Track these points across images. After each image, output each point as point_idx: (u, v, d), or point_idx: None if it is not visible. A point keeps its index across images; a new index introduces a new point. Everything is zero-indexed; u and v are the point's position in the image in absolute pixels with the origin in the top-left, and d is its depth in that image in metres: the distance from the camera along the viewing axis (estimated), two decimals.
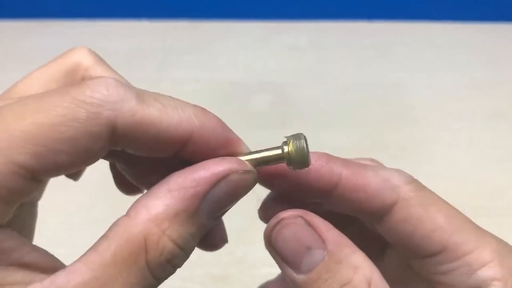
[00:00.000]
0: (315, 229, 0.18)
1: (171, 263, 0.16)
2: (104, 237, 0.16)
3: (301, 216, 0.18)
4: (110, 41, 0.82)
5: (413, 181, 0.22)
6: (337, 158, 0.21)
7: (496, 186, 0.58)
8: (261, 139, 0.34)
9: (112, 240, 0.16)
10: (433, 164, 0.61)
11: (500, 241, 0.21)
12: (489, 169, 0.60)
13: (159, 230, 0.16)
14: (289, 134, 0.21)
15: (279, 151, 0.19)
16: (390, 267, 0.23)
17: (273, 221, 0.19)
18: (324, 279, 0.17)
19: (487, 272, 0.19)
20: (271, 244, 0.18)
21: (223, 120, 0.21)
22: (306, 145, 0.19)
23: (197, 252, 0.53)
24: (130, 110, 0.17)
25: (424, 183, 0.62)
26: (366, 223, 0.22)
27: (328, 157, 0.20)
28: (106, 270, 0.15)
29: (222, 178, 0.17)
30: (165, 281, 0.24)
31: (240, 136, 0.20)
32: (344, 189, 0.20)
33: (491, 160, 0.62)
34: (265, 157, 0.19)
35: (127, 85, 0.18)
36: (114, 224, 0.16)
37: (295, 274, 0.18)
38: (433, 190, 0.61)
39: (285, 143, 0.19)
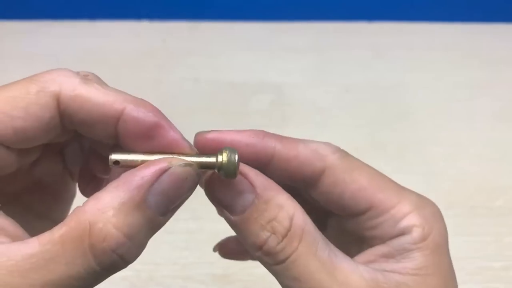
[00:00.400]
0: (245, 176, 0.21)
1: (116, 251, 0.17)
2: (61, 222, 0.18)
3: (234, 164, 0.20)
4: (110, 41, 0.82)
5: (338, 151, 0.24)
6: (273, 134, 0.23)
7: (495, 186, 0.58)
8: None
9: (64, 223, 0.17)
10: (432, 164, 0.61)
11: (417, 195, 0.24)
12: (488, 169, 0.61)
13: (104, 218, 0.17)
14: (288, 135, 0.24)
15: (213, 159, 0.21)
16: (332, 234, 0.26)
17: (208, 174, 0.21)
18: (254, 218, 0.20)
19: (408, 221, 0.23)
20: (208, 192, 0.21)
21: (223, 120, 0.24)
22: (238, 159, 0.20)
23: (198, 253, 0.54)
24: (71, 86, 0.20)
25: (423, 183, 0.62)
26: (304, 193, 0.24)
27: (264, 133, 0.23)
28: (53, 247, 0.17)
29: (163, 171, 0.18)
30: (167, 280, 0.24)
31: None
32: (278, 160, 0.23)
33: (490, 160, 0.62)
34: (202, 162, 0.21)
35: (77, 73, 0.22)
36: (71, 212, 0.18)
37: (231, 216, 0.21)
38: (432, 190, 0.62)
39: (220, 153, 0.21)
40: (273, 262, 0.20)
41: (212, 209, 0.24)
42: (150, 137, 0.20)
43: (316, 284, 0.20)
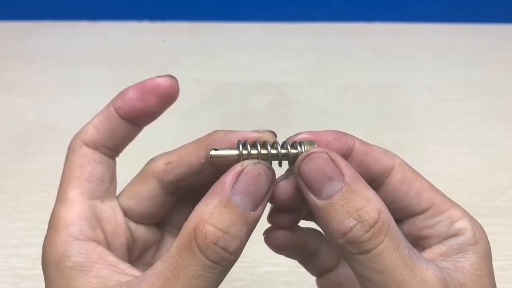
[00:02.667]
0: (337, 164, 0.22)
1: (218, 244, 0.20)
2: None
3: (326, 153, 0.22)
4: (110, 42, 0.83)
5: (400, 157, 0.27)
6: (350, 134, 0.26)
7: (494, 186, 0.59)
8: None
9: (177, 239, 0.21)
10: (431, 164, 0.61)
11: (463, 207, 0.26)
12: (486, 169, 0.61)
13: (201, 221, 0.20)
14: (288, 135, 0.26)
15: (296, 150, 0.23)
16: None
17: (303, 154, 0.22)
18: (340, 205, 0.21)
19: (462, 223, 0.24)
20: (300, 173, 0.22)
21: (223, 120, 0.26)
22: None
23: None
24: None
25: None
26: None
27: (343, 132, 0.26)
28: (173, 259, 0.21)
29: (239, 172, 0.21)
30: None
31: None
32: (356, 156, 0.25)
33: (488, 160, 0.62)
34: (284, 153, 0.24)
35: None
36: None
37: (316, 199, 0.21)
38: None
39: (300, 144, 0.23)
40: (357, 251, 0.21)
41: None
42: None
43: (399, 278, 0.21)
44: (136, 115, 0.26)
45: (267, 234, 0.27)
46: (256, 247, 0.51)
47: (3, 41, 0.82)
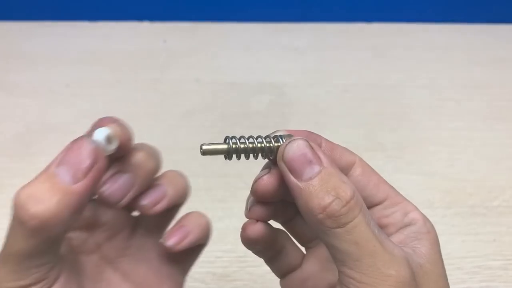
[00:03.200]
0: (315, 151, 0.24)
1: (20, 205, 0.22)
2: None
3: (306, 140, 0.24)
4: (111, 42, 0.83)
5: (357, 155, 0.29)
6: (315, 133, 0.28)
7: (493, 186, 0.59)
8: None
9: None
10: (431, 164, 0.61)
11: None
12: (486, 169, 0.61)
13: (22, 186, 0.22)
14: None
15: (278, 144, 0.26)
16: None
17: (287, 141, 0.24)
18: (320, 184, 0.23)
19: (414, 215, 0.28)
20: (283, 157, 0.24)
21: (224, 120, 0.27)
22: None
23: None
24: None
25: (422, 182, 0.62)
26: None
27: (309, 131, 0.27)
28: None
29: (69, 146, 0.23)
30: None
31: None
32: (324, 150, 0.27)
33: (488, 160, 0.62)
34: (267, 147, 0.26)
35: None
36: None
37: (297, 182, 0.23)
38: (430, 190, 0.62)
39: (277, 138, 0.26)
40: (335, 225, 0.22)
41: (212, 208, 0.25)
42: None
43: (372, 249, 0.23)
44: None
45: (246, 226, 0.28)
46: None
47: (4, 41, 0.83)
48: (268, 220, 0.29)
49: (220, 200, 0.55)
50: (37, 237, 0.21)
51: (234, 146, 0.25)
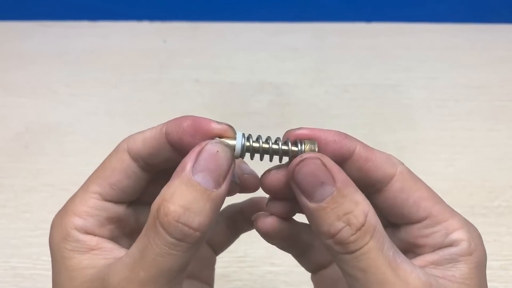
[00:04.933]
0: (329, 169, 0.23)
1: (179, 221, 0.21)
2: None
3: (319, 158, 0.23)
4: (110, 42, 0.83)
5: (403, 164, 0.27)
6: (353, 137, 0.27)
7: (493, 186, 0.59)
8: None
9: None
10: (431, 164, 0.61)
11: (464, 218, 0.27)
12: (486, 169, 0.61)
13: (163, 201, 0.21)
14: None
15: (296, 148, 0.25)
16: None
17: (297, 159, 0.23)
18: (331, 208, 0.22)
19: (458, 235, 0.25)
20: (293, 177, 0.23)
21: (224, 120, 0.25)
22: (317, 150, 0.25)
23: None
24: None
25: None
26: (368, 199, 0.25)
27: (346, 134, 0.26)
28: (141, 240, 0.22)
29: (198, 152, 0.22)
30: None
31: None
32: (357, 159, 0.25)
33: (488, 160, 0.62)
34: (284, 149, 0.25)
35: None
36: None
37: (308, 202, 0.23)
38: None
39: (302, 143, 0.24)
40: (343, 251, 0.22)
41: None
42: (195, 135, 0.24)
43: (381, 277, 0.22)
44: (180, 148, 0.25)
45: (257, 218, 0.28)
46: (256, 246, 0.51)
47: (3, 41, 0.83)
48: (286, 216, 0.28)
49: None
50: (197, 248, 0.22)
51: (247, 144, 0.25)
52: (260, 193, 0.28)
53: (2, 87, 0.73)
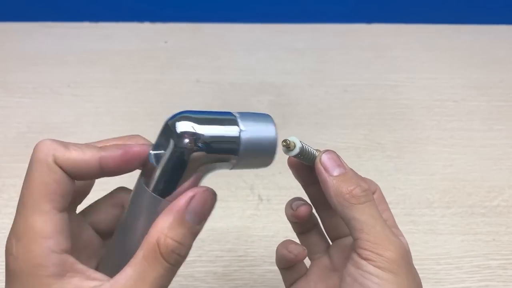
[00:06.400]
0: (341, 159, 0.33)
1: (176, 252, 0.26)
2: (139, 249, 0.27)
3: (335, 153, 0.33)
4: (112, 43, 0.83)
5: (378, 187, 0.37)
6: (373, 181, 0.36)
7: (492, 186, 0.59)
8: None
9: (141, 249, 0.26)
10: (430, 164, 0.61)
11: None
12: (485, 169, 0.61)
13: (162, 235, 0.26)
14: (288, 135, 0.31)
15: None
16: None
17: (323, 150, 0.33)
18: (344, 180, 0.31)
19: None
20: (320, 161, 0.32)
21: None
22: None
23: (199, 251, 0.54)
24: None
25: (421, 182, 0.63)
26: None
27: (365, 180, 0.34)
28: (142, 265, 0.26)
29: (192, 197, 0.27)
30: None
31: None
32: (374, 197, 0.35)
33: (487, 160, 0.62)
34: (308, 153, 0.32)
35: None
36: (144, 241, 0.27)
37: (328, 177, 0.31)
38: (430, 189, 0.62)
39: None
40: (358, 202, 0.31)
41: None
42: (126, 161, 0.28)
43: (382, 222, 0.31)
44: (111, 172, 0.28)
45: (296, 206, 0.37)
46: (257, 246, 0.51)
47: (5, 42, 0.83)
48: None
49: (220, 200, 0.55)
50: (175, 271, 0.27)
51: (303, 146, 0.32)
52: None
53: (4, 87, 0.74)
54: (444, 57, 0.80)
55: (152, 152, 0.28)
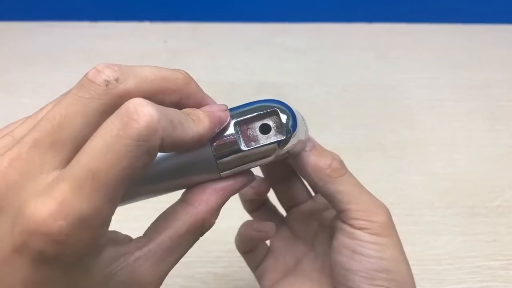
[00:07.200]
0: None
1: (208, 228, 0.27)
2: (171, 219, 0.26)
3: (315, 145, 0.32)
4: (111, 42, 0.83)
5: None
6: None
7: (493, 186, 0.59)
8: None
9: (181, 221, 0.26)
10: (431, 164, 0.61)
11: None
12: (486, 169, 0.61)
13: (211, 216, 0.26)
14: None
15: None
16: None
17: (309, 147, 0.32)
18: (319, 155, 0.31)
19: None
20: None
21: None
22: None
23: (199, 251, 0.54)
24: None
25: (422, 182, 0.62)
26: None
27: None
28: (181, 239, 0.25)
29: (244, 186, 0.28)
30: (167, 279, 0.25)
31: None
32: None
33: (488, 159, 0.62)
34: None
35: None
36: (176, 209, 0.26)
37: (303, 153, 0.31)
38: (430, 189, 0.62)
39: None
40: (339, 174, 0.30)
41: None
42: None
43: (365, 190, 0.31)
44: None
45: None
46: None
47: (4, 42, 0.83)
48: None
49: None
50: None
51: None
52: None
53: (3, 87, 0.73)
54: (445, 57, 0.80)
55: (236, 125, 0.27)
